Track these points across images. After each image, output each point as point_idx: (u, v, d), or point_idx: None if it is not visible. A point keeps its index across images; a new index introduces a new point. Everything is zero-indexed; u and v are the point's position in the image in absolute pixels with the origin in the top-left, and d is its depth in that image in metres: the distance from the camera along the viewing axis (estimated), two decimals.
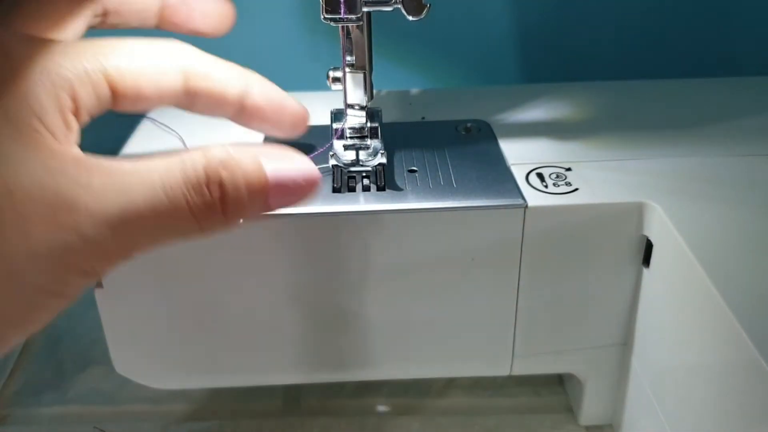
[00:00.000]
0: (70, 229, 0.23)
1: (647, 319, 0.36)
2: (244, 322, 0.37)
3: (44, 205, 0.23)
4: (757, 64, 0.56)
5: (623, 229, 0.35)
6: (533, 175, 0.36)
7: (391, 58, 0.54)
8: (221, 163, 0.25)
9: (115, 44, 0.26)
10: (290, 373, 0.39)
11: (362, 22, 0.34)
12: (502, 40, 0.54)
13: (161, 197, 0.24)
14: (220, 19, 0.34)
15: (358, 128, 0.37)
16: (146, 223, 0.24)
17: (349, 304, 0.36)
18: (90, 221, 0.23)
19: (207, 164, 0.25)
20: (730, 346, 0.27)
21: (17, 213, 0.22)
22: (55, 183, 0.23)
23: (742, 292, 0.28)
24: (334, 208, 0.34)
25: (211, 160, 0.25)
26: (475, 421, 0.44)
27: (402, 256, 0.35)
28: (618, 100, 0.45)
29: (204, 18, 0.34)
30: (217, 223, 0.26)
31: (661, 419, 0.34)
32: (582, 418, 0.42)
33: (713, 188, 0.35)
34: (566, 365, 0.40)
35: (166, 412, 0.45)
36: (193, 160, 0.25)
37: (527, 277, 0.36)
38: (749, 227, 0.32)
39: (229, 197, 0.25)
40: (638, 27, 0.54)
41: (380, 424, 0.44)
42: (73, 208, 0.23)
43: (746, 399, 0.27)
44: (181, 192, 0.24)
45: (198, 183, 0.25)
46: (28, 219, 0.23)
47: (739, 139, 0.39)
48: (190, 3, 0.34)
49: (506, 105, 0.44)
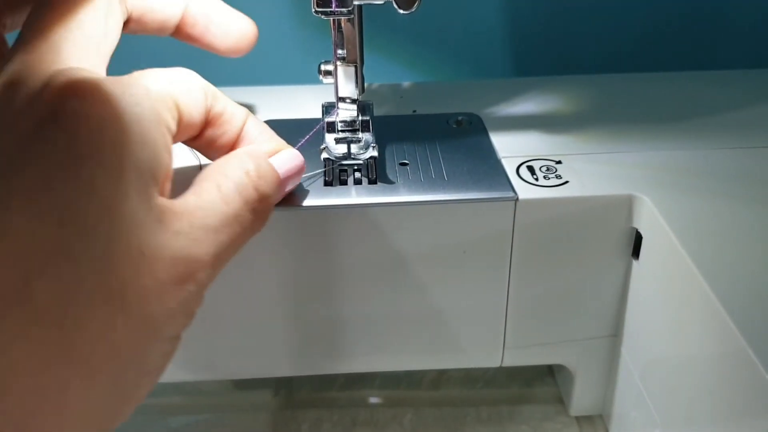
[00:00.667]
0: (191, 281, 0.24)
1: (637, 310, 0.36)
2: (237, 315, 0.37)
3: (170, 265, 0.23)
4: (745, 58, 0.56)
5: (613, 222, 0.35)
6: (524, 168, 0.36)
7: (383, 52, 0.54)
8: (259, 177, 0.28)
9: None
10: (282, 365, 0.39)
11: (353, 16, 0.33)
12: (493, 33, 0.54)
13: (236, 228, 0.27)
14: (239, 40, 0.34)
15: (349, 121, 0.37)
16: (230, 252, 0.27)
17: (341, 297, 0.36)
18: (204, 271, 0.25)
19: (255, 184, 0.28)
20: (719, 337, 0.27)
21: (153, 277, 0.23)
22: (176, 241, 0.24)
23: (730, 284, 0.28)
24: (326, 201, 0.34)
25: (255, 181, 0.28)
26: (466, 413, 0.44)
27: (393, 248, 0.35)
28: (608, 93, 0.45)
29: (223, 36, 0.34)
30: (261, 226, 0.29)
31: (651, 410, 0.35)
32: (572, 409, 0.43)
33: (703, 181, 0.35)
34: (557, 357, 0.40)
35: (159, 405, 0.45)
36: (244, 184, 0.27)
37: (518, 270, 0.36)
38: (738, 219, 0.32)
39: (269, 202, 0.29)
40: (628, 21, 0.55)
41: (372, 415, 0.44)
42: (190, 260, 0.24)
43: (735, 389, 0.27)
44: (247, 217, 0.27)
45: (254, 201, 0.28)
46: (161, 280, 0.23)
47: (727, 132, 0.39)
48: (211, 18, 0.33)
49: (497, 98, 0.44)
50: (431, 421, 0.44)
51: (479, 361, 0.40)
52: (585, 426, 0.43)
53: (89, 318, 0.21)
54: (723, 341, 0.27)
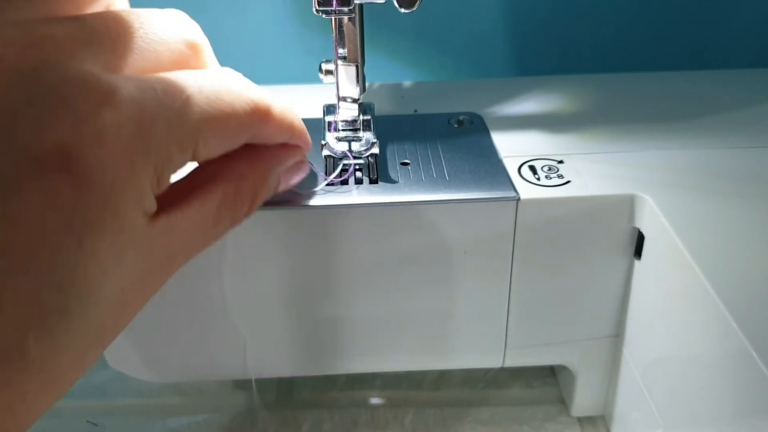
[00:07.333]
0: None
1: (639, 311, 0.36)
2: (237, 315, 0.37)
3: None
4: (748, 57, 0.56)
5: (615, 222, 0.35)
6: (525, 167, 0.36)
7: (384, 51, 0.54)
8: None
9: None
10: (283, 365, 0.39)
11: (354, 15, 0.33)
12: (494, 33, 0.54)
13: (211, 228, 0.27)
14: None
15: (350, 121, 0.37)
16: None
17: (342, 297, 0.36)
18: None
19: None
20: (720, 338, 0.27)
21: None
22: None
23: (732, 284, 0.28)
24: (327, 201, 0.34)
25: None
26: (467, 413, 0.44)
27: (394, 248, 0.35)
28: (610, 92, 0.45)
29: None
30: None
31: (653, 410, 0.34)
32: (574, 409, 0.42)
33: (705, 180, 0.35)
34: (558, 357, 0.40)
35: (159, 406, 0.45)
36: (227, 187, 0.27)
37: (519, 270, 0.36)
38: (740, 219, 0.32)
39: (257, 201, 0.29)
40: (630, 20, 0.55)
41: (373, 416, 0.44)
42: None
43: (737, 389, 0.27)
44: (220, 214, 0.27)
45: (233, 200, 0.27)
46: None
47: (730, 132, 0.39)
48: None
49: (498, 98, 0.44)
50: (432, 421, 0.43)
51: (481, 361, 0.40)
52: (587, 426, 0.43)
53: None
54: (725, 341, 0.27)
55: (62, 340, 0.22)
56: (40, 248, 0.20)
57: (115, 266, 0.22)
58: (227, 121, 0.25)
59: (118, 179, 0.21)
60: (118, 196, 0.21)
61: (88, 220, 0.21)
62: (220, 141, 0.25)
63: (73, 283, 0.21)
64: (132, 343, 0.38)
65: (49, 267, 0.20)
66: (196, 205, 0.26)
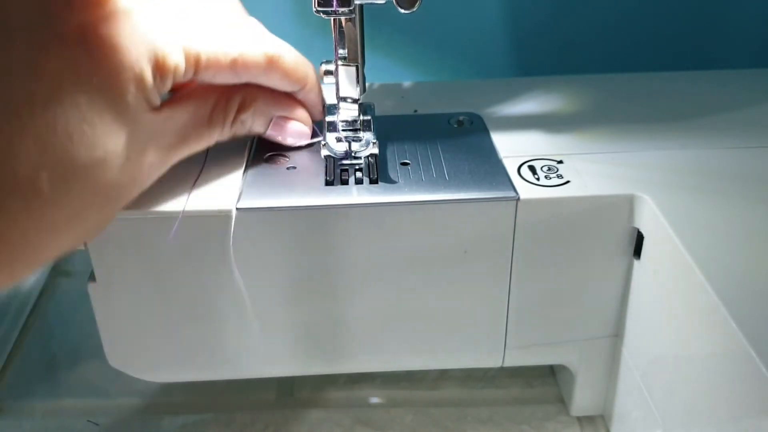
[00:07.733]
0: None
1: (638, 310, 0.36)
2: (237, 314, 0.37)
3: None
4: (747, 57, 0.56)
5: (614, 222, 0.35)
6: (525, 167, 0.36)
7: (384, 52, 0.54)
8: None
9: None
10: (283, 365, 0.39)
11: (354, 15, 0.33)
12: (494, 33, 0.55)
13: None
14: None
15: (350, 121, 0.37)
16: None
17: (342, 297, 0.36)
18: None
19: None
20: (720, 337, 0.27)
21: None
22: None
23: (732, 284, 0.28)
24: (327, 200, 0.34)
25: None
26: (467, 413, 0.44)
27: (394, 248, 0.35)
28: (609, 93, 0.45)
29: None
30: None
31: (652, 410, 0.35)
32: (573, 409, 0.43)
33: (704, 180, 0.35)
34: (558, 357, 0.40)
35: (159, 405, 0.45)
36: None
37: (519, 269, 0.36)
38: (739, 219, 0.32)
39: (247, 119, 0.35)
40: (629, 21, 0.55)
41: (373, 415, 0.44)
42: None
43: (736, 389, 0.27)
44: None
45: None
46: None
47: (729, 132, 0.39)
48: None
49: (498, 98, 0.44)
50: (432, 421, 0.44)
51: (480, 361, 0.40)
52: (586, 426, 0.43)
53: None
54: (724, 341, 0.27)
55: (73, 186, 0.26)
56: (56, 98, 0.25)
57: (120, 134, 0.27)
58: (228, 50, 0.31)
59: (126, 58, 0.27)
60: (124, 71, 0.27)
61: (98, 85, 0.26)
62: (221, 70, 0.31)
63: (83, 136, 0.26)
64: (132, 343, 0.38)
65: (63, 116, 0.25)
66: (193, 103, 0.32)
